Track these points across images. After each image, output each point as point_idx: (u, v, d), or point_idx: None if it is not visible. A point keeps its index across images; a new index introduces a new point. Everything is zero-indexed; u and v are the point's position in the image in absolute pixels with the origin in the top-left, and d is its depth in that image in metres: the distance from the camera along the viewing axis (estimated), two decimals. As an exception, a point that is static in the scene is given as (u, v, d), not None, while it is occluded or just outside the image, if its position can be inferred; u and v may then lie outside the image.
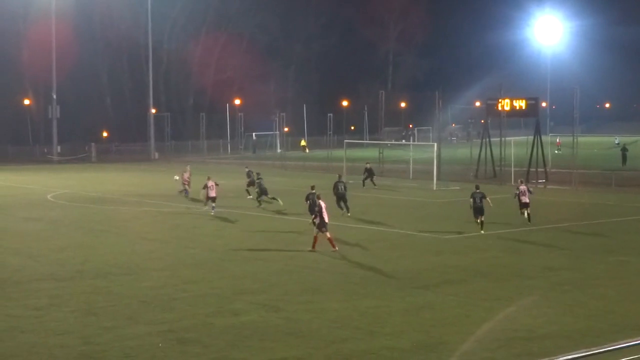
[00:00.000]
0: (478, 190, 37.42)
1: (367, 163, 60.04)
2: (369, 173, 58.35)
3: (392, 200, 49.55)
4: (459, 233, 35.95)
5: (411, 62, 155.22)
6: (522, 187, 39.31)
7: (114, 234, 36.42)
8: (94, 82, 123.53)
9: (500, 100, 64.17)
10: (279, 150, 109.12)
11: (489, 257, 30.01)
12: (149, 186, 54.63)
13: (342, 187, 42.03)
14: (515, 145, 64.77)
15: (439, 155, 62.41)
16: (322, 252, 30.52)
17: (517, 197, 39.09)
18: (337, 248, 30.64)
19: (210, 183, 42.55)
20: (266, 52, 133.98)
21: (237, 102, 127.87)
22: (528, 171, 61.46)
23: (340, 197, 41.77)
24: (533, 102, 64.72)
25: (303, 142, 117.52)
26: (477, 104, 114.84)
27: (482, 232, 35.73)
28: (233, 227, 36.79)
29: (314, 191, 35.51)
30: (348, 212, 41.37)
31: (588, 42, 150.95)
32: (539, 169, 62.29)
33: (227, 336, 19.36)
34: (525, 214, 38.77)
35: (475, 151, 66.52)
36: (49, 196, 53.29)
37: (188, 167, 53.38)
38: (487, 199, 37.09)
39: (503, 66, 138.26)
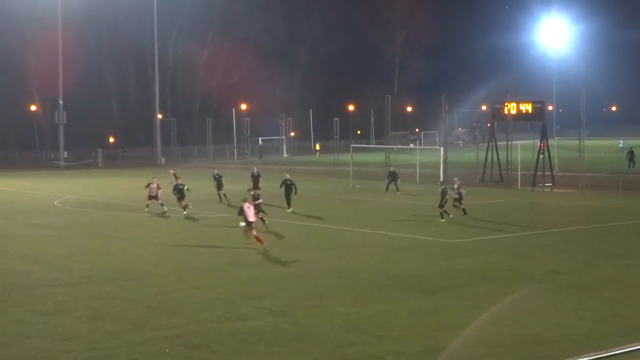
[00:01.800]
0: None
1: (390, 166, 59.73)
2: (393, 177, 57.55)
3: (398, 204, 49.51)
4: (466, 237, 35.91)
5: (417, 66, 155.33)
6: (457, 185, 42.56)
7: (121, 239, 36.44)
8: (101, 88, 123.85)
9: (506, 104, 64.14)
10: (285, 155, 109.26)
11: (496, 260, 29.96)
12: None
13: (289, 182, 46.21)
14: (521, 149, 64.74)
15: (445, 159, 62.35)
16: (328, 257, 30.56)
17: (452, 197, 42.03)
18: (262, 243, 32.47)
19: (154, 185, 45.35)
20: (272, 56, 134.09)
21: (244, 106, 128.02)
22: (535, 175, 61.39)
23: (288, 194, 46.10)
24: (539, 105, 64.66)
25: (317, 146, 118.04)
26: (484, 107, 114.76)
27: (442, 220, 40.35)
28: (239, 232, 36.71)
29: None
30: (289, 208, 45.42)
31: (594, 45, 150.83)
32: (545, 173, 62.21)
33: (234, 341, 19.34)
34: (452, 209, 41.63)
35: (482, 155, 66.48)
36: (55, 202, 53.38)
37: (171, 171, 54.02)
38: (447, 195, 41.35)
39: (509, 69, 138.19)
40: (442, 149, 64.78)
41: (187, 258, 31.07)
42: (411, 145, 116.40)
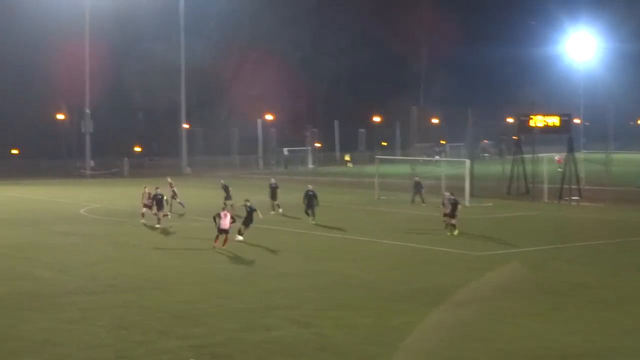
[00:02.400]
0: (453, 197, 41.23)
1: (416, 176, 59.66)
2: (417, 188, 57.47)
3: (424, 215, 49.39)
4: (491, 250, 35.77)
5: (443, 78, 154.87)
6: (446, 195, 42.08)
7: (146, 248, 36.53)
8: (127, 97, 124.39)
9: (532, 117, 63.86)
10: (310, 166, 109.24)
11: (521, 273, 29.84)
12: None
13: (311, 193, 45.82)
14: (547, 162, 64.42)
15: (471, 172, 62.15)
16: (352, 269, 30.55)
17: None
18: (224, 246, 34.86)
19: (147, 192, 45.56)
20: (298, 67, 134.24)
21: (269, 117, 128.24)
22: (561, 188, 61.05)
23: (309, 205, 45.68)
24: (566, 118, 64.28)
25: (347, 157, 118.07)
26: (510, 120, 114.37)
27: (454, 233, 39.80)
28: (263, 242, 36.80)
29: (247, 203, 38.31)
30: (313, 220, 44.90)
31: (622, 58, 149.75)
32: (572, 186, 61.86)
33: (259, 351, 19.35)
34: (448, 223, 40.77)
35: (508, 167, 66.23)
36: (81, 210, 53.63)
37: (169, 179, 53.91)
38: (459, 205, 41.04)
39: (536, 82, 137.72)
40: (467, 161, 64.50)
41: (211, 267, 31.13)
42: (437, 157, 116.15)
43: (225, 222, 35.01)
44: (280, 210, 49.73)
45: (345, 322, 22.16)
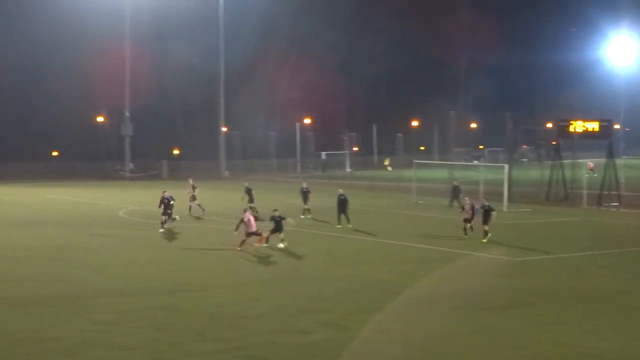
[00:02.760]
0: (487, 203, 40.69)
1: (454, 180, 59.36)
2: (455, 192, 56.91)
3: (460, 220, 49.20)
4: (527, 255, 35.59)
5: (482, 82, 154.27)
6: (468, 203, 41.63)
7: (182, 250, 36.73)
8: (166, 100, 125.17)
9: (572, 122, 63.47)
10: (348, 170, 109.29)
11: (558, 279, 29.65)
12: (218, 204, 55.04)
13: (343, 197, 45.55)
14: (586, 168, 63.96)
15: (509, 177, 61.86)
16: (386, 273, 30.54)
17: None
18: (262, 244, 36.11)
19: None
20: (336, 71, 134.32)
21: (307, 121, 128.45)
22: (600, 194, 60.62)
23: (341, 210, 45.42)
24: (606, 124, 63.82)
25: (387, 162, 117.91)
26: (549, 125, 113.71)
27: (484, 240, 38.88)
28: (300, 245, 36.85)
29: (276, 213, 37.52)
30: (348, 224, 44.53)
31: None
32: (611, 192, 61.38)
33: (295, 355, 19.39)
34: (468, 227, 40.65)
35: (547, 173, 65.85)
36: (120, 212, 54.01)
37: (190, 181, 53.85)
38: (494, 212, 40.09)
39: (576, 87, 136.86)
40: (506, 166, 64.20)
41: (246, 270, 31.25)
42: (475, 161, 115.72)
43: (252, 225, 36.37)
44: (310, 216, 49.69)
45: (380, 326, 22.16)
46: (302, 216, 49.09)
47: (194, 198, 51.72)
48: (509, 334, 21.46)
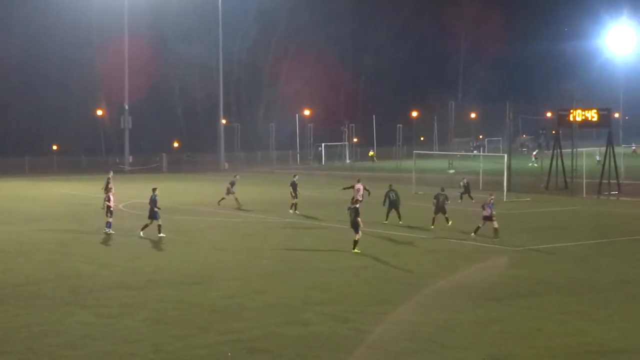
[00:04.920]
0: (442, 192, 41.51)
1: (464, 178, 57.71)
2: (466, 190, 55.26)
3: (460, 211, 49.10)
4: (530, 245, 35.55)
5: (482, 73, 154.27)
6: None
7: (185, 243, 36.68)
8: (166, 93, 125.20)
9: (571, 111, 63.39)
10: (347, 161, 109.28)
11: (562, 269, 29.60)
12: (219, 196, 54.92)
13: (394, 195, 43.39)
14: (586, 156, 63.93)
15: (509, 167, 61.80)
16: (391, 264, 30.48)
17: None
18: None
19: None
20: (336, 62, 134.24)
21: (307, 112, 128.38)
22: (600, 183, 60.60)
23: (392, 206, 43.16)
24: (605, 112, 63.72)
25: (371, 153, 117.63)
26: (549, 114, 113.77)
27: (449, 224, 40.80)
28: (305, 237, 36.80)
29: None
30: (400, 221, 42.63)
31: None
32: (611, 181, 61.36)
33: (297, 346, 19.34)
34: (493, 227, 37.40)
35: (546, 162, 65.81)
36: (120, 205, 53.88)
37: (237, 177, 54.09)
38: (448, 201, 41.69)
39: (575, 76, 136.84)
40: (506, 156, 64.16)
41: (251, 262, 31.18)
42: (474, 152, 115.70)
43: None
44: (297, 211, 48.89)
45: (384, 317, 22.10)
46: (291, 211, 48.51)
47: (230, 191, 51.91)
48: (513, 324, 21.41)
